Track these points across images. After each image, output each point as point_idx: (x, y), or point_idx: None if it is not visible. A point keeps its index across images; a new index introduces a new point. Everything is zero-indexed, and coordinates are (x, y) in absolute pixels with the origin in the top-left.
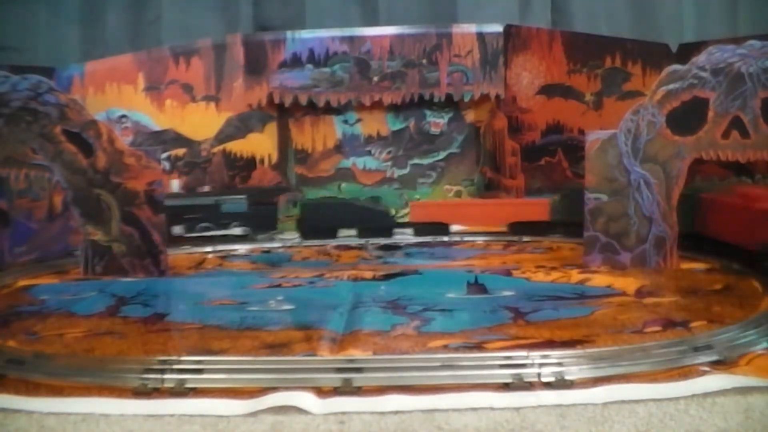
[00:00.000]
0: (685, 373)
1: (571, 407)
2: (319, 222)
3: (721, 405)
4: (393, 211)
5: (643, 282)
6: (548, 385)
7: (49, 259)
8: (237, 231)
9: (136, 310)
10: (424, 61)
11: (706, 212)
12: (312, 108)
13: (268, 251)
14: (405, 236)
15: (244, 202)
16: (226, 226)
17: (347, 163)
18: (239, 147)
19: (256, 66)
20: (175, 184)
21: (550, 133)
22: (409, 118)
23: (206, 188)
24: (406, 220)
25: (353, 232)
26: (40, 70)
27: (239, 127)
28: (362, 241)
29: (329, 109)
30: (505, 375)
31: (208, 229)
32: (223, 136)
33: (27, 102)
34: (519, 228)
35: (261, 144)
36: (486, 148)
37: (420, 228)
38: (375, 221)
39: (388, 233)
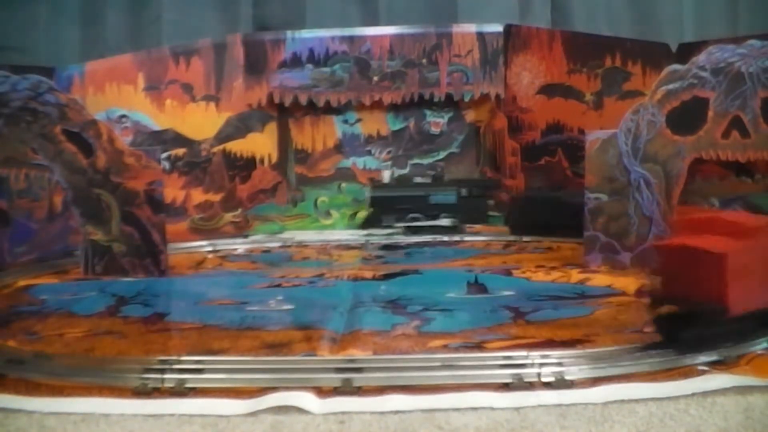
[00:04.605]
0: (685, 372)
1: (571, 407)
2: (528, 217)
3: (721, 405)
4: None
5: (644, 282)
6: (548, 385)
7: (49, 259)
8: (446, 222)
9: (136, 310)
10: (424, 60)
11: None
12: (312, 108)
13: (268, 251)
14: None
15: (454, 193)
16: (435, 218)
17: (347, 162)
18: (239, 147)
19: (256, 66)
20: (386, 175)
21: (550, 133)
22: (409, 117)
23: (417, 179)
24: None
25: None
26: (40, 70)
27: (239, 127)
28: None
29: (329, 109)
30: (505, 375)
31: (417, 219)
32: (223, 136)
33: (27, 102)
34: None
35: (261, 144)
36: (486, 147)
37: None
38: None
39: None
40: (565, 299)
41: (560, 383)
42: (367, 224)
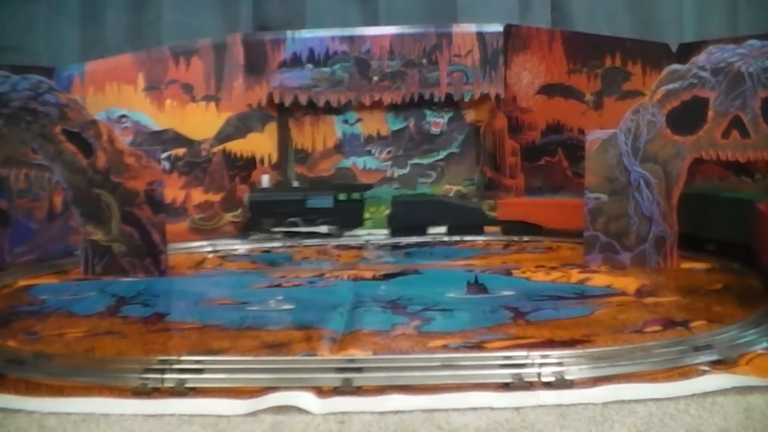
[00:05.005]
0: (685, 372)
1: (571, 407)
2: (408, 219)
3: (721, 404)
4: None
5: (643, 282)
6: (548, 385)
7: (49, 259)
8: (323, 229)
9: (136, 310)
10: (424, 60)
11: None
12: (312, 108)
13: (268, 251)
14: (493, 235)
15: (331, 198)
16: (312, 222)
17: (347, 162)
18: (239, 147)
19: (256, 66)
20: (266, 180)
21: (550, 133)
22: (409, 117)
23: (295, 184)
24: None
25: (442, 229)
26: (40, 70)
27: (239, 126)
28: (364, 241)
29: (329, 109)
30: (505, 375)
31: (295, 224)
32: (223, 136)
33: (27, 102)
34: None
35: (261, 144)
36: (486, 147)
37: (508, 227)
38: (464, 218)
39: (478, 231)
40: (565, 299)
41: (560, 383)
42: (246, 229)
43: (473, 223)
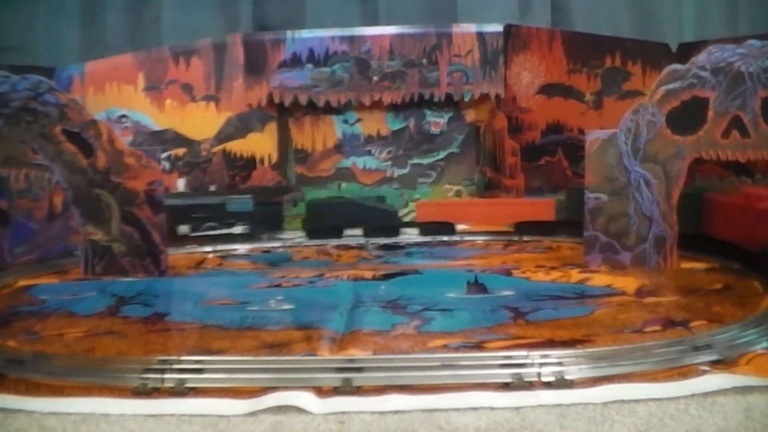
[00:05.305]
0: (685, 372)
1: (571, 407)
2: (324, 221)
3: (721, 404)
4: (399, 211)
5: (643, 281)
6: (548, 385)
7: (49, 259)
8: (241, 230)
9: (136, 310)
10: (424, 60)
11: (710, 213)
12: (312, 108)
13: (268, 251)
14: (410, 236)
15: (250, 201)
16: (231, 226)
17: (347, 162)
18: (239, 147)
19: (256, 66)
20: (181, 184)
21: (550, 133)
22: (409, 117)
23: (212, 187)
24: (411, 219)
25: (358, 231)
26: (40, 70)
27: (239, 126)
28: (364, 240)
29: (329, 109)
30: (505, 375)
31: (213, 228)
32: (223, 136)
33: (27, 102)
34: (524, 228)
35: (261, 144)
36: (486, 147)
37: (426, 227)
38: (380, 221)
39: (394, 233)
40: (565, 299)
41: (560, 383)
42: None
43: (388, 224)
